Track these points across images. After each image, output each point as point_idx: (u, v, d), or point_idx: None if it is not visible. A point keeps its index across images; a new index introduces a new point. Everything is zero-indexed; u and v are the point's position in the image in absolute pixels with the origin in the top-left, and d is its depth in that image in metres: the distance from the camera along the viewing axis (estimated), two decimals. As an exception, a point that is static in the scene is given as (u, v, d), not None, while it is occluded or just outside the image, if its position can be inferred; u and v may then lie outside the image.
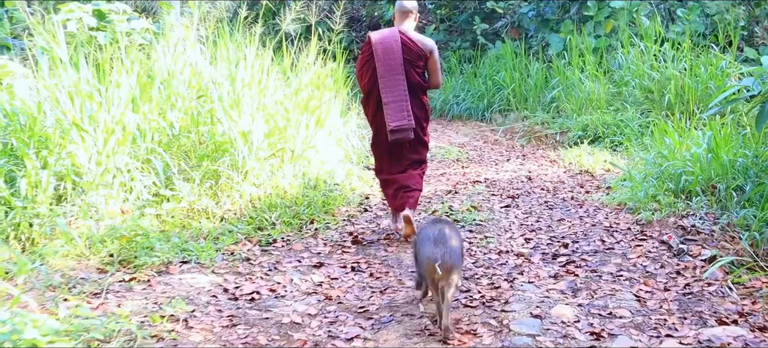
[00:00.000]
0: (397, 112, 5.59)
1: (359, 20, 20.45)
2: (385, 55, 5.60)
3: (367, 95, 5.82)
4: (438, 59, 5.83)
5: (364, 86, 5.82)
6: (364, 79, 5.80)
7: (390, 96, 5.59)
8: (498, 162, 9.53)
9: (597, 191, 7.53)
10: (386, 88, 5.60)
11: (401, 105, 5.60)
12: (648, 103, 10.92)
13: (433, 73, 5.82)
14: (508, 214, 6.55)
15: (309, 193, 6.56)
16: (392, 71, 5.58)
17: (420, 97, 5.79)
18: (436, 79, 5.85)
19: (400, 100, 5.60)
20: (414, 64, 5.67)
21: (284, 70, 7.98)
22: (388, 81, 5.59)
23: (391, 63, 5.58)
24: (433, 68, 5.79)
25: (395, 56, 5.59)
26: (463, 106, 14.20)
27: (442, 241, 3.89)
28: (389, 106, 5.60)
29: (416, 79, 5.70)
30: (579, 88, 11.74)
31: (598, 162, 8.84)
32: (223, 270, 4.99)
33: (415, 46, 5.68)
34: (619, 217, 6.32)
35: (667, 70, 10.98)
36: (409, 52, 5.66)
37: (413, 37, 5.72)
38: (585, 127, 10.63)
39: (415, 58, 5.68)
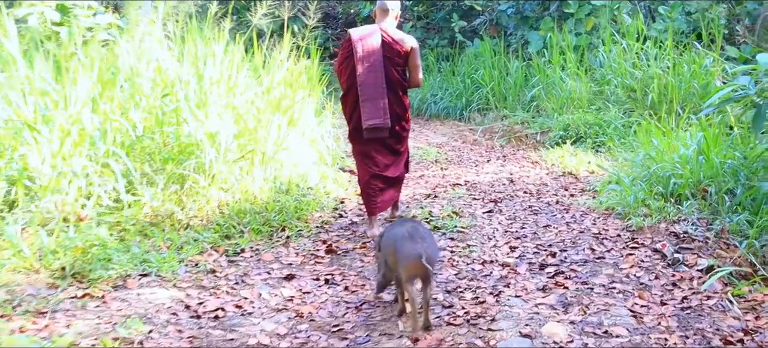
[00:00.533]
0: (373, 109, 5.54)
1: (335, 17, 20.06)
2: (364, 52, 5.55)
3: (346, 92, 5.75)
4: (418, 57, 5.76)
5: (344, 83, 5.74)
6: (343, 75, 5.72)
7: (367, 93, 5.53)
8: (478, 163, 9.19)
9: (582, 194, 7.21)
10: (364, 86, 5.54)
11: (378, 103, 5.54)
12: (631, 102, 10.64)
13: (414, 72, 5.74)
14: (491, 219, 6.20)
15: (280, 198, 6.17)
16: (371, 68, 5.53)
17: (399, 95, 5.72)
18: (416, 78, 5.77)
19: (378, 97, 5.55)
20: (394, 62, 5.62)
21: (255, 67, 7.58)
22: (367, 79, 5.54)
23: (371, 60, 5.53)
24: (414, 66, 5.71)
25: (375, 53, 5.54)
26: (440, 104, 13.85)
27: (419, 237, 3.82)
28: (366, 103, 5.54)
29: (396, 77, 5.64)
30: (560, 87, 11.44)
31: (582, 163, 8.52)
32: (186, 283, 4.60)
33: (395, 43, 5.61)
34: (607, 223, 5.99)
35: (650, 68, 10.71)
36: (390, 49, 5.59)
37: (394, 35, 5.65)
38: (566, 126, 10.32)
39: (395, 55, 5.62)
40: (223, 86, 6.68)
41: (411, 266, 3.74)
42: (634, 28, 11.53)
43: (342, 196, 7.06)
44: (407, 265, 3.76)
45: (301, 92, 7.63)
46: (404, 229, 3.91)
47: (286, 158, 6.80)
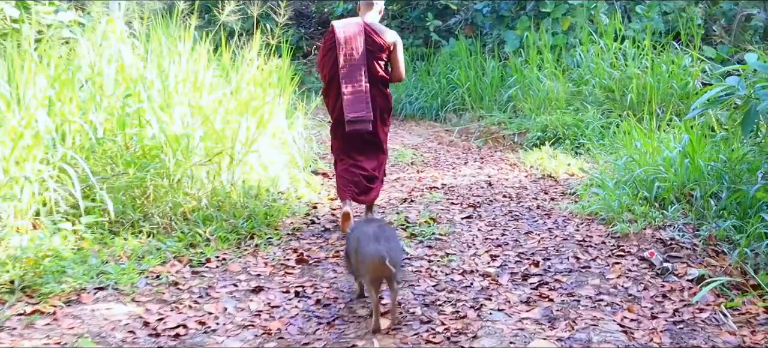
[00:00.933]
0: (356, 103, 5.48)
1: (308, 16, 19.72)
2: (347, 45, 5.49)
3: (328, 85, 5.68)
4: (401, 52, 5.72)
5: (325, 76, 5.69)
6: (325, 68, 5.68)
7: (350, 87, 5.48)
8: (455, 165, 8.91)
9: (563, 198, 6.97)
10: (347, 79, 5.48)
11: (361, 96, 5.49)
12: (609, 103, 10.44)
13: (396, 66, 5.71)
14: (470, 226, 5.91)
15: (249, 204, 5.85)
16: (354, 61, 5.49)
17: (382, 89, 5.69)
18: (398, 73, 5.75)
19: (360, 91, 5.50)
20: (377, 56, 5.57)
21: (224, 67, 7.25)
22: (349, 71, 5.49)
23: (353, 54, 5.49)
24: (396, 61, 5.68)
25: (358, 47, 5.49)
26: (416, 105, 13.56)
27: (383, 237, 3.84)
28: (349, 97, 5.48)
29: (378, 71, 5.60)
30: (537, 87, 11.21)
31: (562, 166, 8.28)
32: (146, 297, 4.27)
33: (378, 37, 5.56)
34: (591, 229, 5.74)
35: (628, 68, 10.52)
36: (373, 43, 5.54)
37: (377, 29, 5.60)
38: (544, 127, 10.09)
39: (378, 49, 5.56)
40: (190, 86, 6.35)
41: (373, 267, 3.71)
42: (611, 28, 11.34)
43: (314, 200, 6.76)
44: (369, 265, 3.73)
45: (272, 92, 7.32)
46: (369, 229, 3.92)
47: (255, 161, 6.48)
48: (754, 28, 12.59)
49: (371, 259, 3.70)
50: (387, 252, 3.67)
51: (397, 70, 5.76)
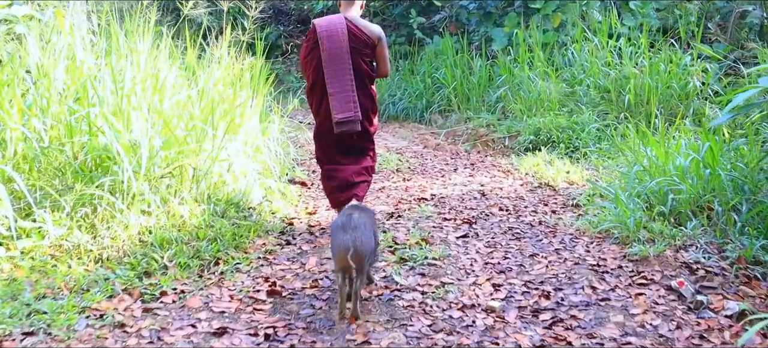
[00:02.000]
0: (343, 103, 5.25)
1: (287, 13, 18.94)
2: (330, 43, 5.24)
3: (312, 85, 5.42)
4: (386, 47, 5.51)
5: (309, 76, 5.42)
6: (308, 68, 5.40)
7: (335, 86, 5.25)
8: (444, 172, 8.19)
9: (565, 210, 6.27)
10: (332, 78, 5.25)
11: (347, 96, 5.26)
12: (604, 104, 9.78)
13: (381, 62, 5.51)
14: (466, 247, 5.17)
15: (215, 223, 5.10)
16: (338, 60, 5.24)
17: (367, 86, 5.46)
18: (384, 68, 5.55)
19: (346, 90, 5.26)
20: (361, 53, 5.35)
21: (190, 66, 6.48)
22: (334, 70, 5.25)
23: (337, 52, 5.24)
24: (381, 57, 5.48)
25: (341, 44, 5.25)
26: (399, 105, 12.83)
27: (351, 227, 3.79)
28: (335, 96, 5.24)
29: (363, 69, 5.37)
30: (528, 87, 10.51)
31: (560, 173, 7.58)
32: (84, 344, 3.50)
33: (362, 33, 5.34)
34: (603, 250, 5.03)
35: (625, 67, 9.86)
36: (356, 40, 5.31)
37: (360, 25, 5.38)
38: (537, 130, 9.40)
39: (362, 46, 5.34)
40: (149, 88, 5.59)
41: (338, 258, 3.72)
42: (606, 25, 10.67)
43: (291, 215, 6.01)
44: (335, 256, 3.75)
45: (244, 94, 6.57)
46: (340, 219, 3.93)
47: (224, 172, 5.73)
48: (750, 26, 11.94)
49: (336, 250, 3.72)
50: (352, 242, 3.66)
51: (383, 66, 5.54)
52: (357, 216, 3.91)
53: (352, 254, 3.62)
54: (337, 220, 3.98)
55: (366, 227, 3.87)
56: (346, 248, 3.62)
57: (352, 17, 5.42)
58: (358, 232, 3.74)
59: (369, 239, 3.82)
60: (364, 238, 3.75)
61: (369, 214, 4.17)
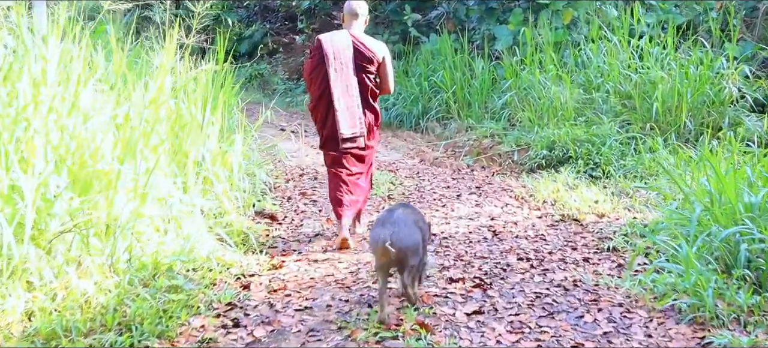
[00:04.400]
0: (349, 119, 5.16)
1: (274, 10, 17.40)
2: (337, 60, 5.13)
3: (317, 100, 5.27)
4: (390, 64, 5.38)
5: (314, 91, 5.27)
6: (314, 83, 5.25)
7: (343, 103, 5.14)
8: (445, 200, 6.65)
9: (601, 258, 4.79)
10: (339, 95, 5.14)
11: (354, 112, 5.18)
12: (627, 113, 8.29)
13: (385, 79, 5.38)
14: (482, 331, 3.61)
15: (135, 297, 3.59)
16: (345, 76, 5.15)
17: (371, 103, 5.34)
18: (387, 85, 5.41)
19: (353, 106, 5.18)
20: (366, 70, 5.24)
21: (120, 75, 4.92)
22: (341, 87, 5.14)
23: (344, 68, 5.14)
24: (385, 73, 5.34)
25: (348, 61, 5.15)
26: (393, 112, 11.28)
27: (390, 221, 3.62)
28: (341, 113, 5.14)
29: (368, 85, 5.26)
30: (538, 93, 9.01)
31: (585, 202, 6.09)
32: None
33: (368, 50, 5.22)
34: (670, 333, 3.53)
35: (651, 71, 8.37)
36: (362, 56, 5.21)
37: (365, 41, 5.26)
38: (551, 143, 7.91)
39: (368, 63, 5.23)
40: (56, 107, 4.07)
41: (376, 253, 3.58)
42: (626, 23, 9.17)
43: (249, 270, 4.50)
44: (373, 250, 3.61)
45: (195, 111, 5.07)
46: (382, 214, 3.79)
47: (155, 218, 4.21)
48: (780, 22, 10.44)
49: (373, 244, 3.58)
50: (390, 236, 3.48)
51: (386, 83, 5.39)
52: (400, 212, 3.74)
53: (390, 246, 3.43)
54: (379, 216, 3.86)
55: (407, 224, 3.66)
56: (383, 240, 3.46)
57: (357, 33, 5.25)
58: (398, 227, 3.56)
59: (410, 235, 3.62)
60: (404, 233, 3.57)
61: (414, 211, 3.97)
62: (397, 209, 3.80)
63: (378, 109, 5.45)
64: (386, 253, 3.46)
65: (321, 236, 5.42)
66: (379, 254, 3.53)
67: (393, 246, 3.45)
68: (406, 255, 3.55)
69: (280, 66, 16.01)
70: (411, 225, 3.71)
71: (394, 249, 3.45)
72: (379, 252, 3.52)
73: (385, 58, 5.30)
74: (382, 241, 3.47)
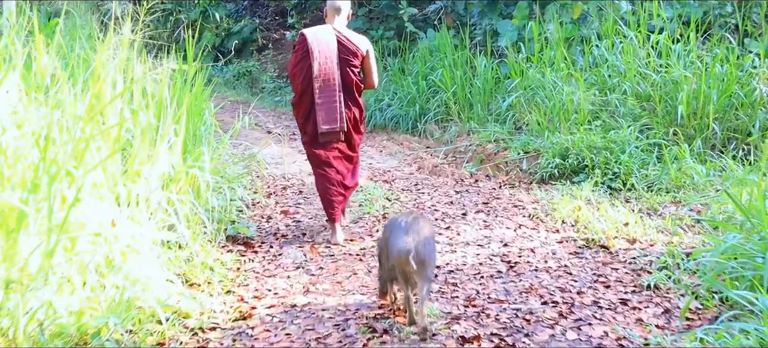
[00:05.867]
0: (329, 113, 5.10)
1: (263, 5, 16.40)
2: (321, 54, 5.06)
3: (300, 96, 5.18)
4: (374, 59, 5.33)
5: (297, 86, 5.17)
6: (297, 78, 5.15)
7: (323, 97, 5.09)
8: (448, 220, 5.67)
9: (641, 298, 3.86)
10: (320, 89, 5.08)
11: (334, 106, 5.11)
12: (647, 117, 7.35)
13: (369, 74, 5.33)
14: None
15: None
16: (328, 71, 5.08)
17: (356, 97, 5.25)
18: (371, 80, 5.38)
19: (333, 101, 5.11)
20: (350, 64, 5.15)
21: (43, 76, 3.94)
22: (323, 82, 5.08)
23: (327, 62, 5.07)
24: (369, 68, 5.30)
25: (331, 55, 5.09)
26: (388, 113, 10.30)
27: (414, 230, 3.42)
28: (322, 107, 5.10)
29: (352, 79, 5.17)
30: (547, 94, 8.06)
31: (613, 225, 5.15)
32: None
33: (351, 44, 5.15)
34: None
35: (673, 69, 7.44)
36: (346, 51, 5.13)
37: (349, 36, 5.18)
38: (564, 151, 6.96)
39: (352, 57, 5.15)
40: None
41: (398, 262, 3.38)
42: (644, 19, 8.22)
43: (210, 320, 3.54)
44: (395, 258, 3.39)
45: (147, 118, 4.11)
46: (403, 219, 3.57)
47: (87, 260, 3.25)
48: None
49: (396, 252, 3.37)
50: (414, 245, 3.34)
51: (370, 77, 5.37)
52: (422, 223, 3.57)
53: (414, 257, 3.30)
54: (398, 220, 3.61)
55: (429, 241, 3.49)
56: (408, 251, 3.30)
57: (340, 28, 5.21)
58: (421, 238, 3.40)
59: (431, 251, 3.47)
60: (426, 247, 3.41)
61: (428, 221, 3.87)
62: (420, 219, 3.60)
63: (362, 103, 5.37)
64: (408, 265, 3.31)
65: (302, 269, 4.46)
66: (403, 264, 3.35)
67: (417, 258, 3.31)
68: (426, 268, 3.38)
69: (270, 63, 15.04)
70: (431, 242, 3.54)
71: (416, 261, 3.31)
72: (402, 262, 3.34)
73: (368, 52, 5.24)
74: (406, 251, 3.31)
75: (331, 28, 5.15)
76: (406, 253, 3.31)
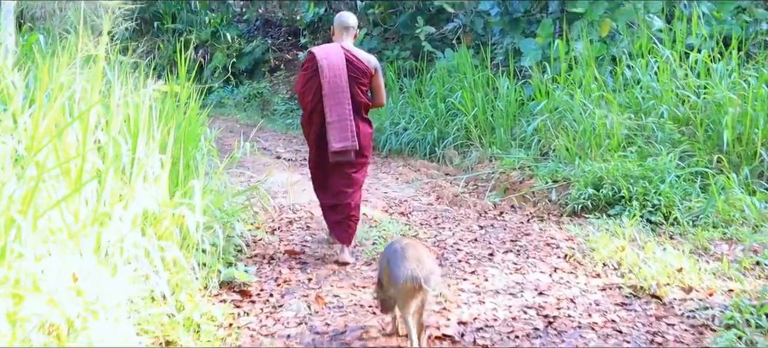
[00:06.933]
0: (341, 132, 4.94)
1: (276, 25, 15.85)
2: (330, 72, 4.93)
3: (310, 114, 5.05)
4: (382, 77, 5.22)
5: (307, 104, 5.06)
6: (306, 96, 5.04)
7: (334, 115, 4.93)
8: (473, 261, 4.95)
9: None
10: (331, 107, 4.94)
11: (345, 124, 4.94)
12: (687, 142, 6.66)
13: (377, 92, 5.21)
14: None
15: None
16: (338, 89, 4.93)
17: (364, 116, 5.15)
18: (380, 98, 5.26)
19: (345, 119, 4.94)
20: (359, 82, 5.04)
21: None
22: (333, 99, 4.94)
23: (337, 80, 4.94)
24: (378, 86, 5.18)
25: (341, 73, 4.95)
26: (404, 137, 9.64)
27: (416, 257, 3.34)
28: (333, 125, 4.93)
29: (361, 98, 5.07)
30: (576, 117, 7.38)
31: (663, 267, 4.44)
32: None
33: (360, 63, 5.03)
34: None
35: (715, 91, 6.74)
36: (355, 69, 5.00)
37: (357, 54, 5.07)
38: (598, 180, 6.28)
39: (361, 75, 5.03)
40: None
41: (405, 289, 3.24)
42: (680, 36, 7.54)
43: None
44: (401, 288, 3.25)
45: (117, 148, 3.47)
46: (399, 245, 3.47)
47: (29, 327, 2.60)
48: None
49: (402, 281, 3.24)
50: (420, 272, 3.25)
51: (379, 96, 5.22)
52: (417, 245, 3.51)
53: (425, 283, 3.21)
54: (394, 247, 3.48)
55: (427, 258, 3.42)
56: (414, 277, 3.21)
57: (348, 46, 5.12)
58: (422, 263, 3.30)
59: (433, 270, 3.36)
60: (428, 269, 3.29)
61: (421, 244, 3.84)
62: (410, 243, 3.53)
63: (370, 122, 5.28)
64: (416, 291, 3.22)
65: (305, 325, 3.78)
66: (409, 292, 3.24)
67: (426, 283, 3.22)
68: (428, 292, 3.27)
69: (282, 84, 14.44)
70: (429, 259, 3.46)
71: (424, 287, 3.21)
72: (408, 290, 3.23)
73: (377, 70, 5.14)
74: (412, 278, 3.22)
75: (339, 46, 5.06)
76: (411, 281, 3.21)
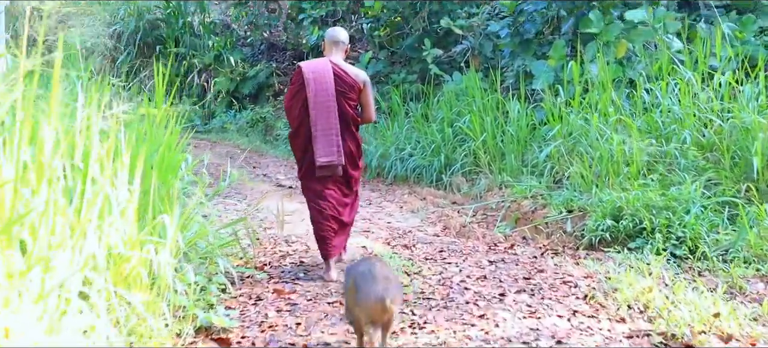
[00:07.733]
0: (326, 146, 4.91)
1: (281, 49, 15.44)
2: (317, 86, 4.92)
3: (297, 128, 5.07)
4: (371, 92, 5.17)
5: (294, 118, 5.08)
6: (293, 110, 5.06)
7: (320, 129, 4.91)
8: (482, 302, 4.40)
9: None
10: (317, 121, 4.91)
11: (331, 139, 4.91)
12: (712, 169, 6.15)
13: (366, 107, 5.16)
14: None
15: None
16: (324, 103, 4.92)
17: (353, 131, 5.11)
18: (369, 114, 5.19)
19: (331, 133, 4.92)
20: (347, 96, 5.01)
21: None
22: (320, 113, 4.92)
23: (324, 94, 4.92)
24: (366, 102, 5.13)
25: (328, 87, 4.93)
26: (409, 163, 9.15)
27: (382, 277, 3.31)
28: (319, 139, 4.91)
29: (349, 112, 5.04)
30: (592, 143, 6.87)
31: (697, 313, 3.91)
32: None
33: (348, 77, 5.01)
34: None
35: (744, 115, 6.24)
36: (343, 83, 4.98)
37: (345, 68, 5.05)
38: (616, 210, 5.77)
39: (349, 89, 5.00)
40: None
41: (372, 309, 3.24)
42: (701, 56, 7.06)
43: None
44: (367, 306, 3.24)
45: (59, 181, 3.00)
46: (365, 267, 3.42)
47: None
48: None
49: (370, 300, 3.23)
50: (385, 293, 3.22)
51: (368, 111, 5.17)
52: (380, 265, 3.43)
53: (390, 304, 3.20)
54: (359, 267, 3.46)
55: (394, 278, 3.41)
56: (382, 298, 3.19)
57: (337, 61, 5.05)
58: (389, 282, 3.28)
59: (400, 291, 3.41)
60: (395, 289, 3.30)
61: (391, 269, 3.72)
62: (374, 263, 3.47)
63: (359, 137, 5.24)
64: (385, 311, 3.20)
65: (290, 381, 3.28)
66: (378, 312, 3.22)
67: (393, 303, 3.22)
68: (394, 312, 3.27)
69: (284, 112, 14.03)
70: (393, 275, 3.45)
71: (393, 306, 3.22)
72: (378, 310, 3.21)
73: (366, 84, 5.08)
74: (380, 298, 3.19)
75: (327, 61, 5.03)
76: (380, 301, 3.19)
